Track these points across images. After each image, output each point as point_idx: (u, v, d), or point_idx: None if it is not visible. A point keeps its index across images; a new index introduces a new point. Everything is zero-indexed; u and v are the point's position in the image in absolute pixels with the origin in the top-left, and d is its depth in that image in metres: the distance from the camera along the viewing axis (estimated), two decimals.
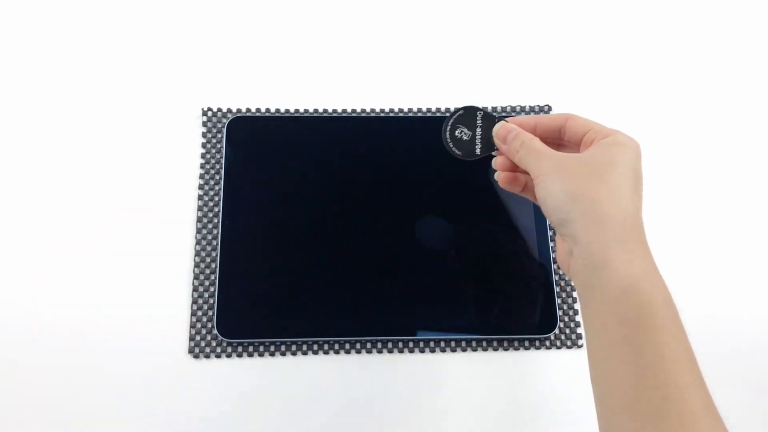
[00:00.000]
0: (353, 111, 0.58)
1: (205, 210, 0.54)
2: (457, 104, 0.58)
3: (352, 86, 0.59)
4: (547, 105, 0.59)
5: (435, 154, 0.56)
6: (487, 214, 0.55)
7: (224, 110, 0.57)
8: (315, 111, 0.58)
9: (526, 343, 0.51)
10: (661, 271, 0.35)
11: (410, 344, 0.51)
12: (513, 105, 0.59)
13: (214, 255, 0.52)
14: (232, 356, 0.50)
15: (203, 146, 0.56)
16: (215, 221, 0.53)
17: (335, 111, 0.58)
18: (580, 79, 0.61)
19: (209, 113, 0.57)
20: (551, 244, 0.53)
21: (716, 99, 0.61)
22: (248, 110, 0.57)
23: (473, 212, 0.54)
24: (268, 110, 0.57)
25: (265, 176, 0.55)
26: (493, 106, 0.59)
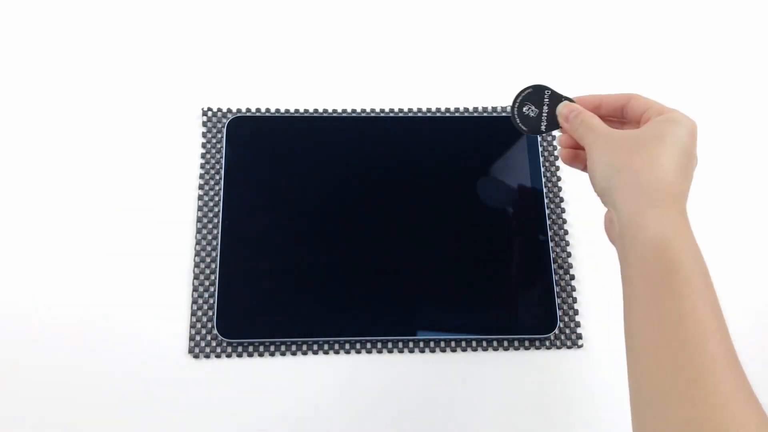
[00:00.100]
0: (353, 111, 0.58)
1: (205, 210, 0.54)
2: (457, 104, 0.59)
3: (353, 86, 0.59)
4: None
5: (436, 154, 0.56)
6: (488, 214, 0.55)
7: (224, 110, 0.57)
8: (315, 111, 0.58)
9: (526, 343, 0.51)
10: None
11: (410, 344, 0.51)
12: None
13: (214, 255, 0.52)
14: (232, 356, 0.50)
15: (203, 146, 0.56)
16: (215, 221, 0.53)
17: (335, 111, 0.58)
18: (580, 79, 0.61)
19: (209, 113, 0.57)
20: (551, 244, 0.53)
21: (717, 99, 0.61)
22: (248, 110, 0.57)
23: (473, 212, 0.54)
24: (268, 110, 0.57)
25: (265, 176, 0.55)
26: (494, 106, 0.59)
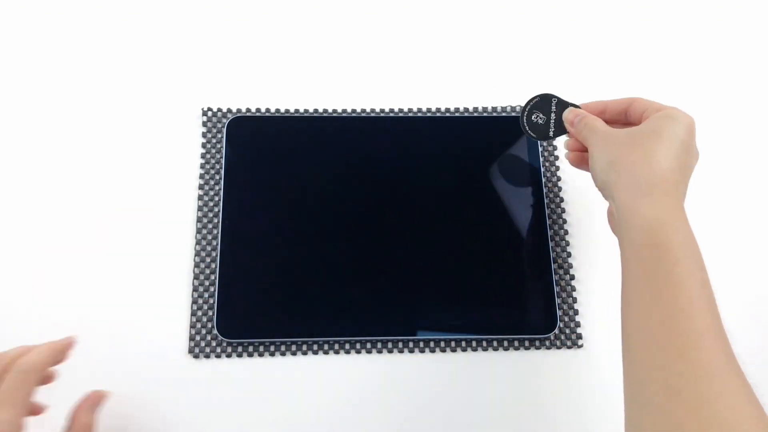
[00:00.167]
0: (353, 111, 0.58)
1: (205, 210, 0.54)
2: (457, 104, 0.59)
3: (353, 86, 0.59)
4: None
5: (435, 154, 0.56)
6: (488, 214, 0.55)
7: (224, 110, 0.57)
8: (315, 111, 0.58)
9: (526, 343, 0.51)
10: None
11: (410, 344, 0.51)
12: (513, 105, 0.59)
13: (214, 255, 0.52)
14: (232, 356, 0.50)
15: (203, 146, 0.56)
16: (215, 221, 0.53)
17: (335, 111, 0.58)
18: (581, 79, 0.61)
19: (209, 113, 0.57)
20: (551, 244, 0.53)
21: (717, 98, 0.61)
22: (248, 110, 0.57)
23: (473, 212, 0.54)
24: (268, 110, 0.57)
25: (265, 176, 0.55)
26: (494, 106, 0.59)
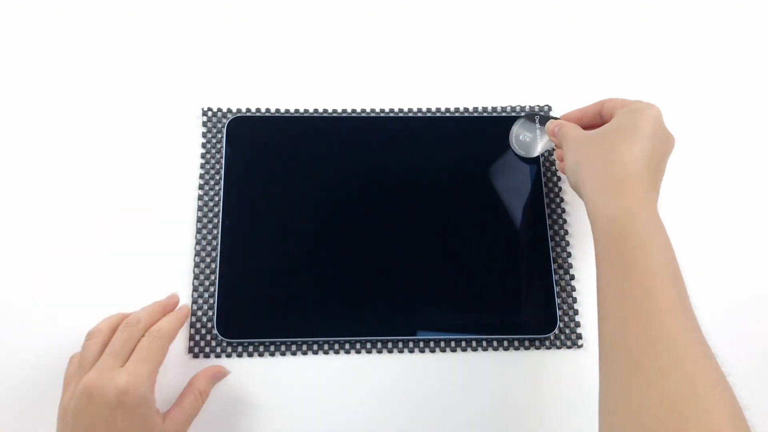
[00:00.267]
0: (354, 111, 0.58)
1: (205, 210, 0.54)
2: (457, 104, 0.59)
3: (353, 86, 0.59)
4: (547, 105, 0.59)
5: (435, 154, 0.56)
6: (488, 214, 0.55)
7: (224, 110, 0.57)
8: (315, 111, 0.58)
9: (526, 343, 0.51)
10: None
11: (410, 344, 0.51)
12: (513, 105, 0.59)
13: (214, 255, 0.52)
14: (232, 356, 0.50)
15: (203, 146, 0.56)
16: (215, 221, 0.53)
17: (335, 111, 0.58)
18: (580, 79, 0.61)
19: (209, 113, 0.57)
20: (551, 244, 0.53)
21: (718, 97, 0.61)
22: (248, 110, 0.57)
23: (474, 212, 0.54)
24: (268, 110, 0.57)
25: (266, 176, 0.55)
26: (494, 106, 0.59)
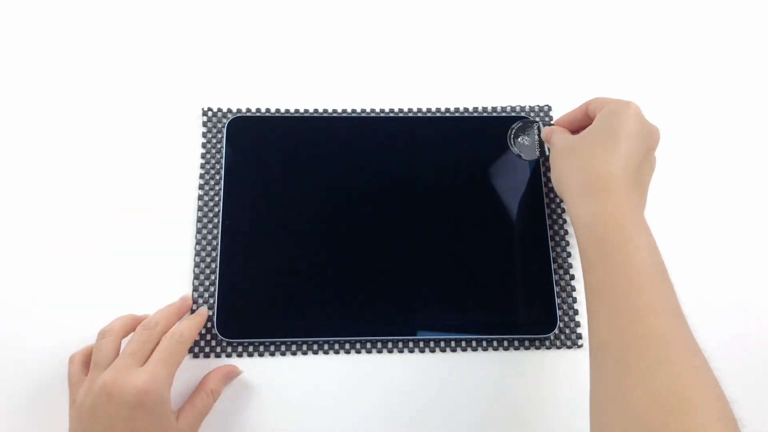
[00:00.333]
0: (354, 111, 0.58)
1: (205, 210, 0.54)
2: (457, 104, 0.59)
3: (353, 86, 0.59)
4: (547, 105, 0.59)
5: (435, 154, 0.56)
6: (488, 214, 0.55)
7: (224, 110, 0.57)
8: (315, 111, 0.58)
9: (526, 343, 0.51)
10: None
11: (410, 344, 0.51)
12: (513, 105, 0.59)
13: (214, 255, 0.52)
14: (232, 356, 0.50)
15: (203, 146, 0.56)
16: (215, 221, 0.53)
17: (336, 111, 0.58)
18: (580, 79, 0.61)
19: (209, 113, 0.57)
20: (551, 244, 0.53)
21: (718, 97, 0.61)
22: (248, 110, 0.57)
23: (473, 212, 0.54)
24: (268, 110, 0.57)
25: (265, 176, 0.55)
26: (494, 107, 0.59)
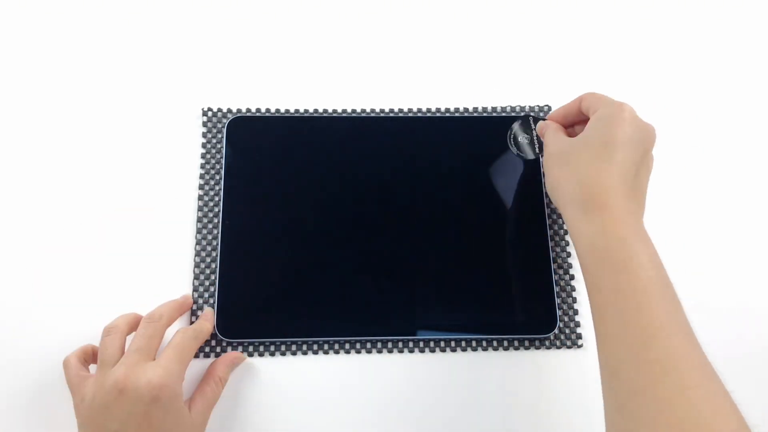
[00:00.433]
0: (353, 111, 0.58)
1: (205, 210, 0.54)
2: (457, 104, 0.59)
3: (353, 86, 0.59)
4: (547, 105, 0.59)
5: (435, 154, 0.56)
6: (487, 214, 0.55)
7: (224, 110, 0.57)
8: (315, 111, 0.58)
9: (526, 343, 0.51)
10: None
11: (410, 344, 0.51)
12: (513, 105, 0.59)
13: (214, 255, 0.52)
14: None
15: (203, 146, 0.56)
16: (215, 221, 0.53)
17: (336, 111, 0.58)
18: (580, 79, 0.61)
19: (209, 113, 0.57)
20: (551, 244, 0.53)
21: (716, 96, 0.61)
22: (248, 110, 0.57)
23: (473, 212, 0.54)
24: (268, 110, 0.57)
25: (265, 176, 0.55)
26: (493, 107, 0.59)
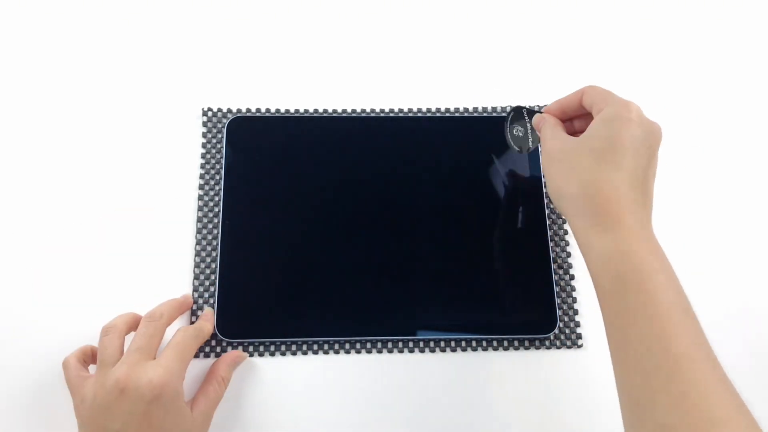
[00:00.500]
0: (353, 111, 0.58)
1: (205, 210, 0.54)
2: (457, 104, 0.59)
3: (353, 86, 0.59)
4: (547, 105, 0.59)
5: (435, 154, 0.56)
6: (487, 214, 0.55)
7: (224, 110, 0.57)
8: (315, 111, 0.58)
9: (526, 343, 0.51)
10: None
11: (410, 344, 0.51)
12: (513, 105, 0.59)
13: (214, 255, 0.52)
14: None
15: (203, 146, 0.56)
16: (215, 221, 0.53)
17: (335, 111, 0.58)
18: (580, 79, 0.60)
19: (209, 113, 0.57)
20: (551, 244, 0.53)
21: (718, 97, 0.61)
22: (248, 110, 0.57)
23: (473, 212, 0.54)
24: (268, 110, 0.57)
25: (265, 176, 0.55)
26: (493, 106, 0.59)
